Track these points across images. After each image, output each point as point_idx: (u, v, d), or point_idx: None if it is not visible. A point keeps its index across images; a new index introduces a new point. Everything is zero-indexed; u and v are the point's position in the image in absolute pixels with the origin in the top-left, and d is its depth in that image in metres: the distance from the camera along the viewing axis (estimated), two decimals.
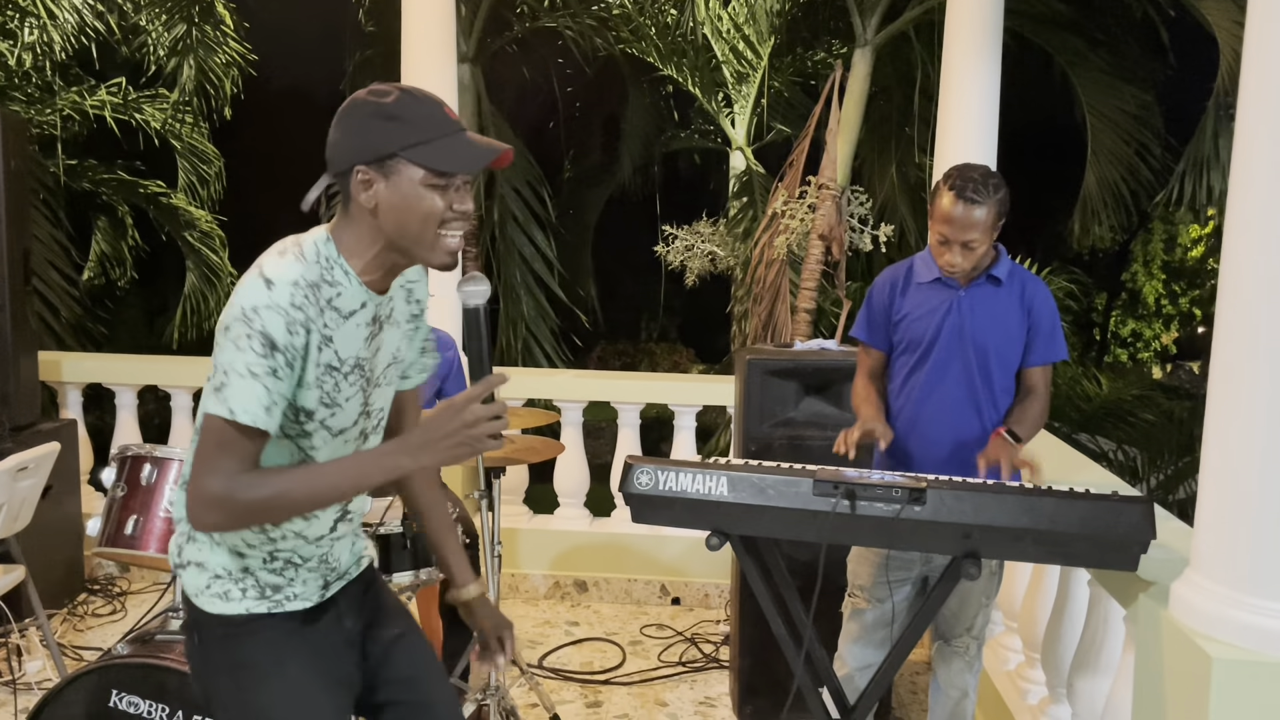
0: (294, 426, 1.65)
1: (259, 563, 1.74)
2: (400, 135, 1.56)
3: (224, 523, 1.60)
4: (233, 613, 1.72)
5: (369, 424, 1.78)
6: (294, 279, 1.57)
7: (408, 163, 1.57)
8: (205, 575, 1.72)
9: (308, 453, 1.69)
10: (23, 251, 4.29)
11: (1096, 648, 2.61)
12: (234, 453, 1.56)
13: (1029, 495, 2.09)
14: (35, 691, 3.53)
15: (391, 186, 1.58)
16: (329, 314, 1.61)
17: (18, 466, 3.31)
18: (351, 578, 1.90)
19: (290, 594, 1.76)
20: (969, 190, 2.56)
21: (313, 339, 1.59)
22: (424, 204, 1.58)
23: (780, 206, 6.02)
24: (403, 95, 1.60)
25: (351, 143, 1.59)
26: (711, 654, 4.30)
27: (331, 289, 1.62)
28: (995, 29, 4.51)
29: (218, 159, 9.69)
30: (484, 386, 1.61)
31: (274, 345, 1.54)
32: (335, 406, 1.67)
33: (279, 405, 1.58)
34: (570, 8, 8.89)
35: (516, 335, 8.98)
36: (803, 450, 3.49)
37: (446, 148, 1.58)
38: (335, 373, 1.64)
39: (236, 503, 1.56)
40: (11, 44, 8.18)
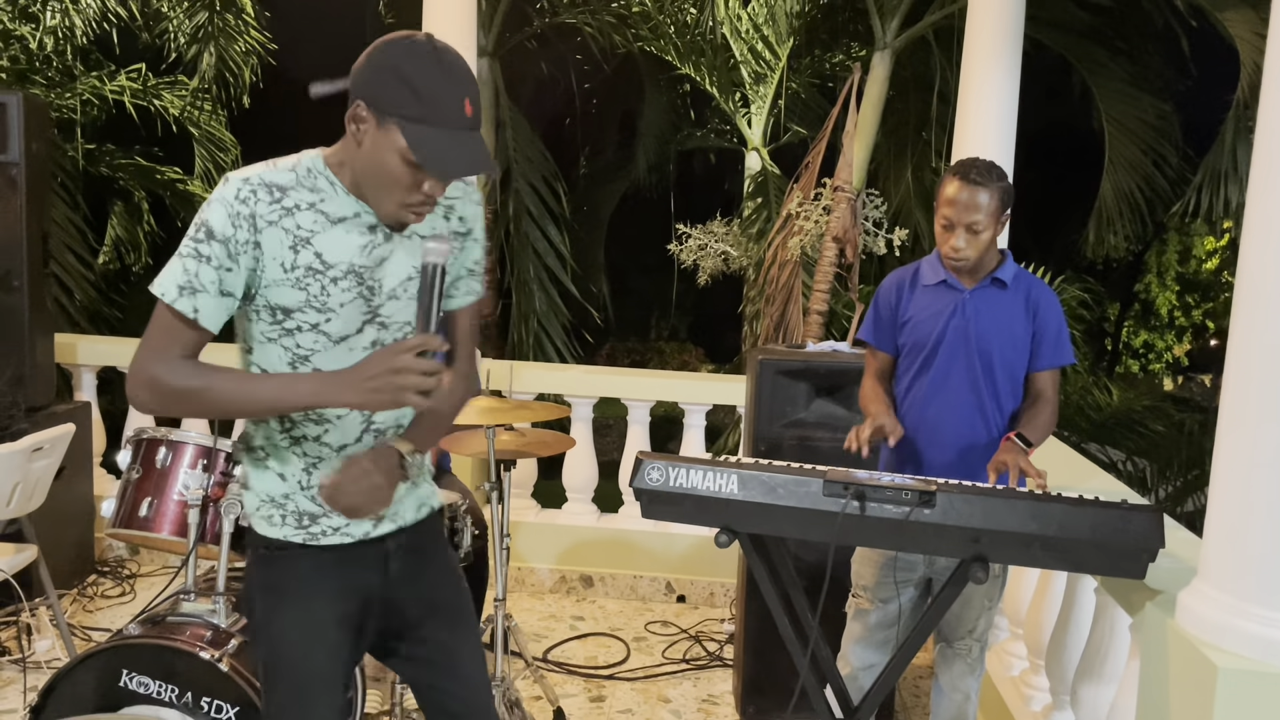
0: (275, 327, 1.70)
1: (296, 486, 1.79)
2: (407, 104, 1.56)
3: (151, 402, 1.68)
4: (273, 536, 1.80)
5: (384, 335, 1.77)
6: (246, 176, 1.64)
7: (398, 130, 1.57)
8: (255, 498, 1.82)
9: (300, 353, 1.71)
10: (42, 234, 4.32)
11: (1101, 655, 2.62)
12: (168, 336, 1.64)
13: (1038, 501, 2.09)
14: (44, 670, 3.56)
15: (377, 137, 1.59)
16: (305, 216, 1.65)
17: (33, 447, 3.34)
18: (407, 523, 1.91)
19: (328, 526, 1.80)
20: (973, 173, 2.59)
21: (267, 235, 1.63)
22: (394, 172, 1.61)
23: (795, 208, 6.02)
24: (435, 67, 1.57)
25: (368, 77, 1.59)
26: (716, 652, 4.31)
27: (313, 194, 1.66)
28: (1016, 35, 4.50)
29: (235, 147, 9.72)
30: (421, 340, 1.61)
31: (210, 233, 1.61)
32: (328, 311, 1.69)
33: (206, 293, 1.62)
34: (590, 4, 8.90)
35: (528, 330, 9.00)
36: (812, 451, 3.49)
37: (439, 140, 1.57)
38: (319, 275, 1.67)
39: (164, 385, 1.65)
40: (34, 28, 8.23)
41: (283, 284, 1.65)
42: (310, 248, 1.66)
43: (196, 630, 2.59)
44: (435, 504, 2.01)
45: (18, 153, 4.13)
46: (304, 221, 1.65)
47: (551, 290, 9.17)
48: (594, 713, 3.77)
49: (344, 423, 1.79)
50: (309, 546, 1.80)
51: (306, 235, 1.65)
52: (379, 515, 1.79)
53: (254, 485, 1.82)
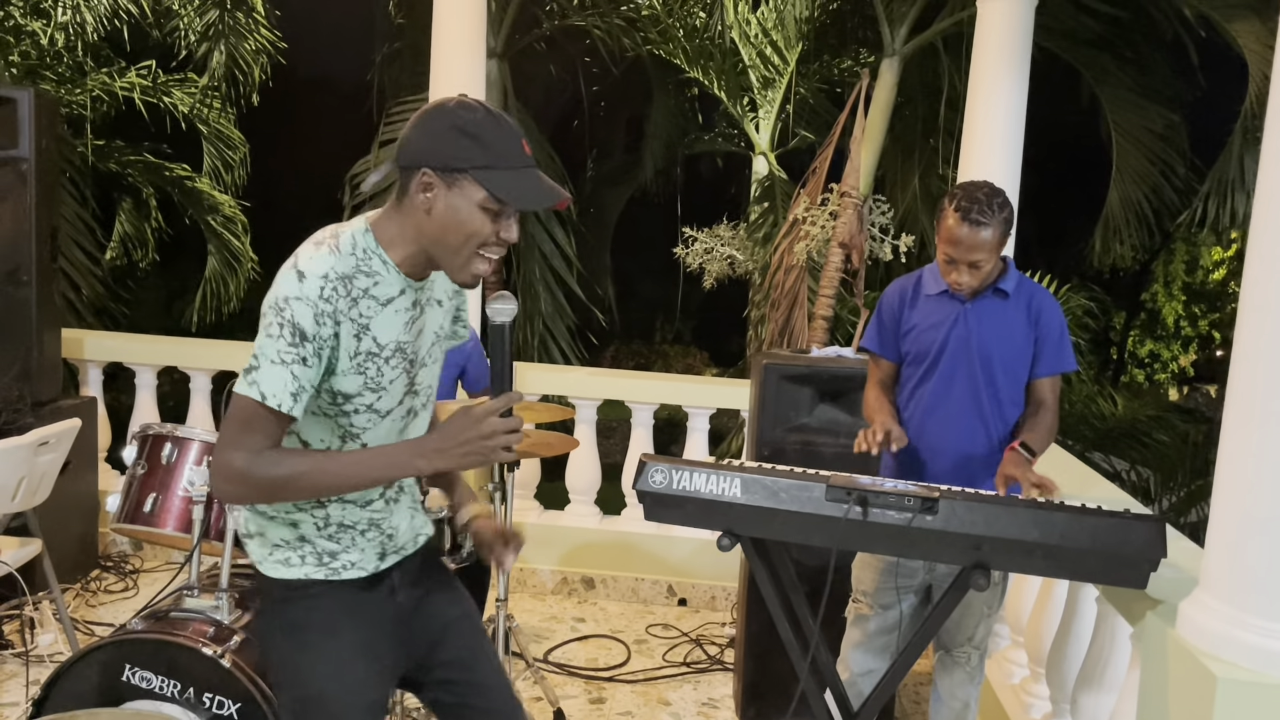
0: (334, 408, 1.74)
1: (313, 530, 1.82)
2: (476, 155, 1.63)
3: (242, 495, 1.70)
4: (293, 577, 1.82)
5: (416, 401, 1.85)
6: (324, 272, 1.65)
7: (473, 182, 1.64)
8: (267, 544, 1.83)
9: (352, 430, 1.76)
10: (51, 230, 4.34)
11: (1102, 664, 2.62)
12: (258, 431, 1.65)
13: (1041, 509, 2.10)
14: (47, 664, 3.58)
15: (450, 198, 1.65)
16: (364, 303, 1.69)
17: (39, 441, 3.35)
18: (408, 554, 1.95)
19: (347, 561, 1.84)
20: (974, 212, 2.57)
21: (344, 329, 1.67)
22: (474, 223, 1.66)
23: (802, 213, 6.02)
24: (488, 117, 1.66)
25: (427, 145, 1.65)
26: (716, 656, 4.32)
27: (368, 279, 1.70)
28: (1025, 44, 4.51)
29: (243, 145, 9.74)
30: (504, 401, 1.69)
31: (304, 335, 1.63)
32: (380, 390, 1.75)
33: (306, 392, 1.66)
34: (599, 7, 8.91)
35: (533, 331, 9.01)
36: (815, 456, 3.50)
37: (515, 180, 1.65)
38: (376, 359, 1.73)
39: (254, 478, 1.65)
40: (45, 23, 8.27)
41: (348, 371, 1.70)
42: (369, 334, 1.71)
43: (199, 626, 2.59)
44: (429, 531, 2.05)
45: (28, 148, 4.15)
46: (364, 309, 1.70)
47: (557, 292, 9.18)
48: (594, 714, 3.78)
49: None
50: (330, 582, 1.82)
51: (365, 322, 1.70)
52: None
53: (264, 532, 1.83)
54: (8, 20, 8.06)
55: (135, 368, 5.26)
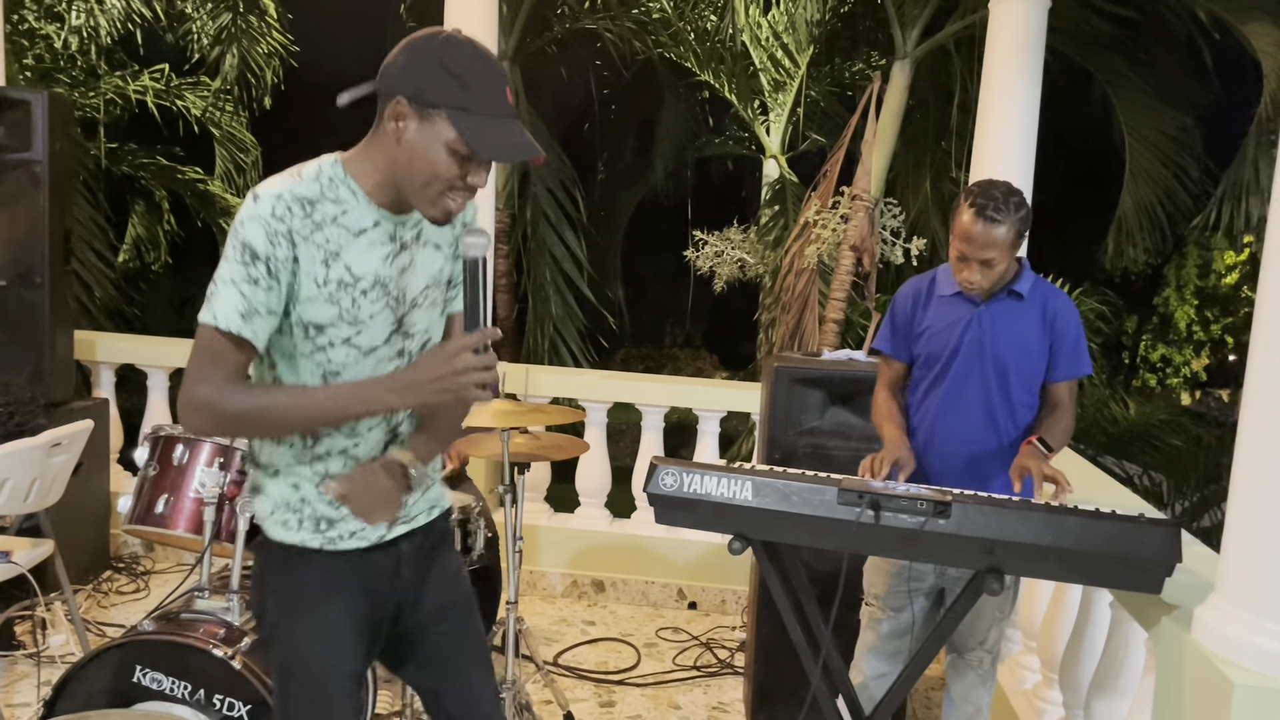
0: (308, 343, 1.69)
1: (313, 492, 1.78)
2: (453, 94, 1.57)
3: (206, 427, 1.66)
4: (290, 541, 1.79)
5: (409, 344, 1.79)
6: (278, 192, 1.61)
7: (446, 121, 1.58)
8: (269, 502, 1.80)
9: (332, 368, 1.71)
10: (64, 232, 4.36)
11: (1116, 670, 2.60)
12: (220, 361, 1.61)
13: (1055, 513, 2.08)
14: (58, 664, 3.59)
15: (420, 130, 1.60)
16: (330, 230, 1.65)
17: (52, 442, 3.36)
18: (419, 525, 1.91)
19: (345, 530, 1.80)
20: (989, 209, 2.54)
21: (304, 251, 1.62)
22: (440, 163, 1.60)
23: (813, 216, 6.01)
24: (475, 58, 1.60)
25: (407, 73, 1.60)
26: (726, 659, 4.30)
27: (335, 206, 1.66)
28: (1037, 47, 4.49)
29: (255, 148, 9.77)
30: (478, 337, 1.62)
31: (254, 254, 1.59)
32: (359, 324, 1.70)
33: (260, 315, 1.61)
34: (610, 10, 8.92)
35: (544, 334, 9.01)
36: (827, 460, 3.49)
37: (488, 129, 1.59)
38: (350, 289, 1.67)
39: (220, 410, 1.62)
40: (59, 27, 8.31)
41: (316, 299, 1.65)
42: (340, 261, 1.66)
43: (210, 628, 2.60)
44: (445, 504, 2.01)
45: (42, 151, 4.17)
46: (332, 236, 1.65)
47: (567, 295, 9.19)
48: (604, 718, 3.77)
49: (371, 435, 1.79)
50: (325, 551, 1.79)
51: (336, 249, 1.65)
52: (391, 519, 1.78)
53: (268, 491, 1.81)
54: (22, 24, 8.11)
55: (147, 369, 5.28)
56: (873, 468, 2.60)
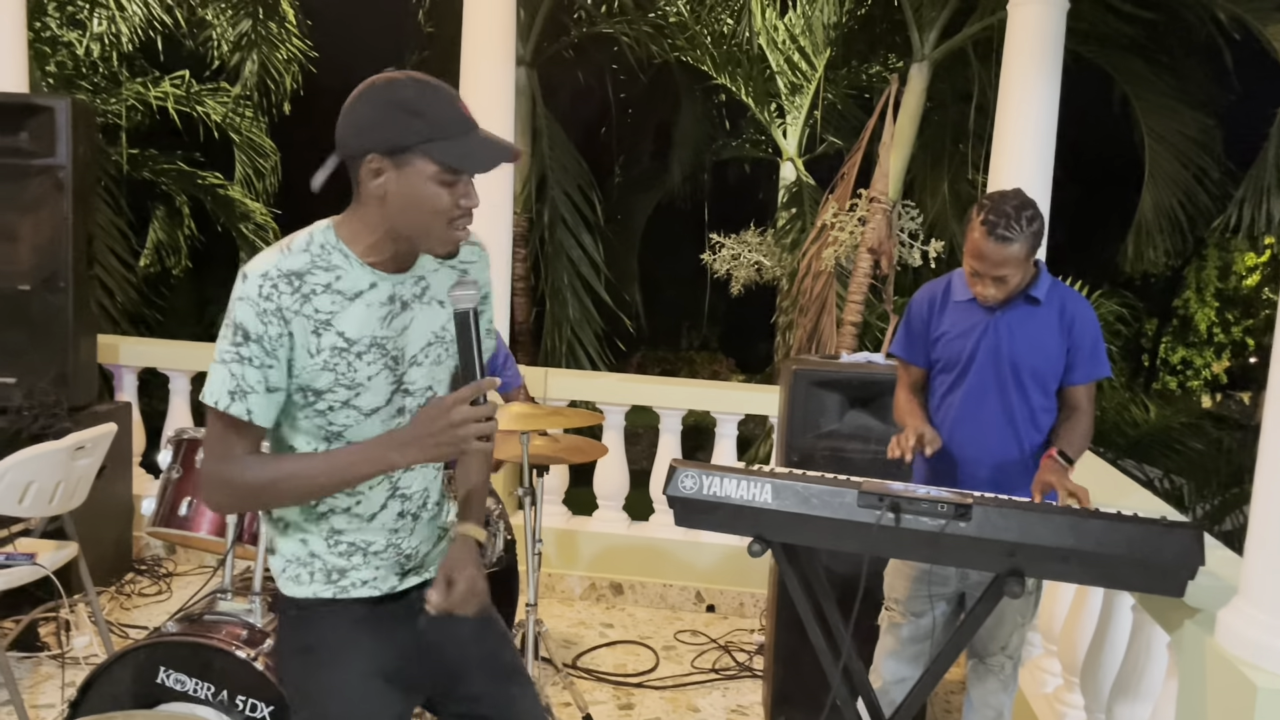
0: (309, 409, 1.71)
1: (322, 546, 1.79)
2: (418, 129, 1.58)
3: (229, 502, 1.73)
4: (302, 595, 1.79)
5: (410, 401, 1.78)
6: (264, 270, 1.63)
7: (422, 157, 1.59)
8: (281, 560, 1.82)
9: (333, 429, 1.72)
10: (87, 237, 4.40)
11: (1138, 673, 2.58)
12: (228, 438, 1.67)
13: (1076, 516, 2.07)
14: (82, 666, 3.62)
15: (402, 178, 1.61)
16: (322, 299, 1.66)
17: (75, 445, 3.39)
18: (434, 574, 1.89)
19: (357, 579, 1.80)
20: (1000, 226, 2.52)
21: (296, 326, 1.64)
22: (433, 199, 1.62)
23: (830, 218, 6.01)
24: (422, 87, 1.61)
25: (366, 129, 1.60)
26: (745, 662, 4.30)
27: (328, 274, 1.67)
28: (1056, 48, 4.48)
29: (274, 153, 9.83)
30: (473, 389, 1.63)
31: (247, 334, 1.62)
32: (357, 387, 1.70)
33: (255, 392, 1.64)
34: (627, 14, 8.94)
35: (561, 337, 9.03)
36: (845, 463, 3.48)
37: (462, 146, 1.60)
38: (345, 354, 1.68)
39: (237, 484, 1.67)
40: (80, 34, 8.39)
41: (311, 368, 1.67)
42: (332, 329, 1.67)
43: (233, 629, 2.62)
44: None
45: (65, 156, 4.21)
46: (322, 305, 1.66)
47: (585, 298, 9.21)
48: None
49: (373, 492, 1.80)
50: (339, 600, 1.79)
51: (326, 318, 1.66)
52: (483, 601, 1.81)
53: (280, 548, 1.82)
54: (44, 31, 8.19)
55: (168, 373, 5.32)
56: (900, 444, 2.59)
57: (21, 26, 4.81)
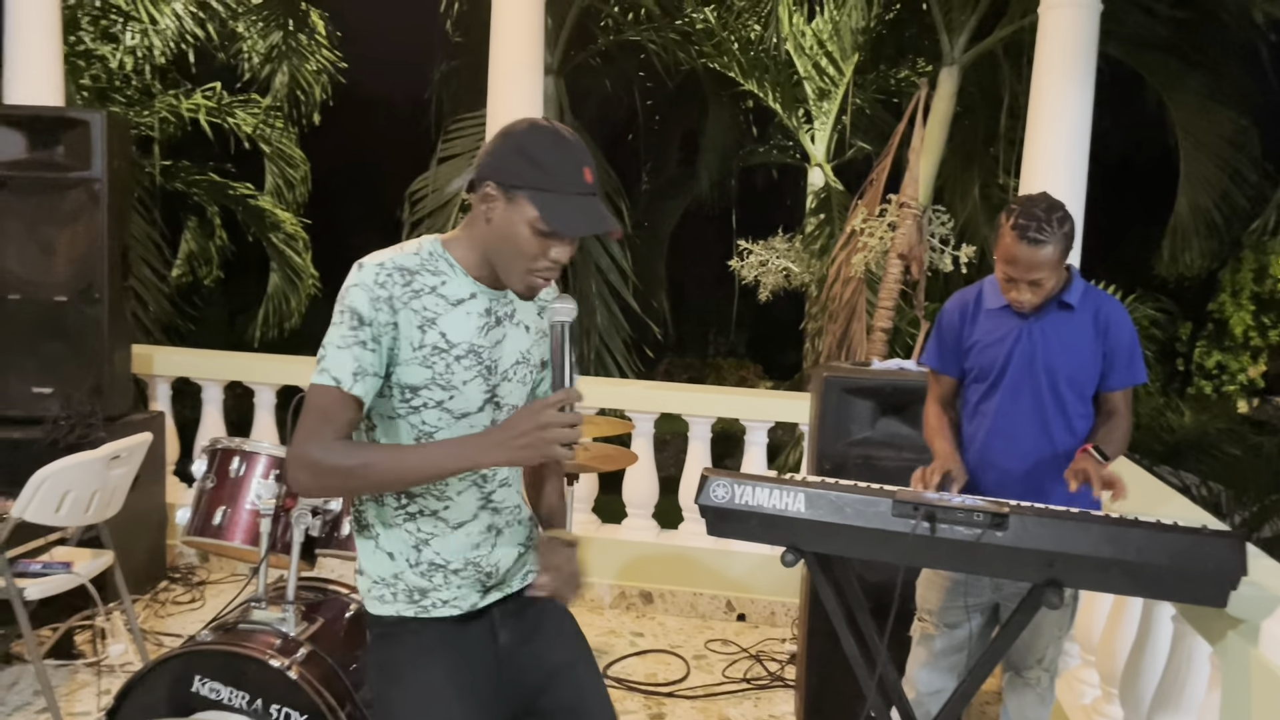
0: (403, 405, 1.80)
1: (405, 565, 1.86)
2: (533, 176, 1.71)
3: (312, 484, 1.75)
4: (386, 614, 1.87)
5: (499, 415, 1.87)
6: (380, 261, 1.76)
7: (528, 201, 1.71)
8: (368, 581, 1.89)
9: (425, 429, 1.81)
10: (122, 248, 4.45)
11: (1179, 685, 2.54)
12: (328, 420, 1.72)
13: (1115, 525, 2.04)
14: (118, 674, 3.65)
15: (507, 212, 1.73)
16: (429, 299, 1.77)
17: (111, 455, 3.42)
18: (513, 590, 1.97)
19: (438, 599, 1.86)
20: (1032, 230, 2.49)
21: (403, 318, 1.75)
22: (524, 242, 1.73)
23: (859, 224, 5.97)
24: (554, 142, 1.74)
25: (494, 162, 1.75)
26: (777, 672, 4.27)
27: (435, 278, 1.79)
28: (1089, 50, 4.43)
29: (304, 163, 9.93)
30: (564, 395, 1.71)
31: (361, 319, 1.72)
32: (451, 389, 1.80)
33: (368, 375, 1.73)
34: (654, 22, 8.96)
35: (589, 345, 9.03)
36: (878, 470, 3.45)
37: (564, 205, 1.72)
38: (444, 354, 1.78)
39: (324, 466, 1.72)
40: (114, 47, 8.51)
41: (411, 362, 1.76)
42: (435, 328, 1.77)
43: (266, 638, 2.63)
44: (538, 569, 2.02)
45: (100, 169, 4.26)
46: (429, 304, 1.77)
47: (613, 306, 9.20)
48: None
49: (462, 499, 1.87)
50: (421, 619, 1.85)
51: (432, 316, 1.77)
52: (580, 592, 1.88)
53: (366, 568, 1.89)
54: (79, 45, 8.32)
55: (201, 383, 5.37)
56: (924, 479, 2.57)
57: (57, 41, 4.88)
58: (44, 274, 4.29)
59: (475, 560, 1.89)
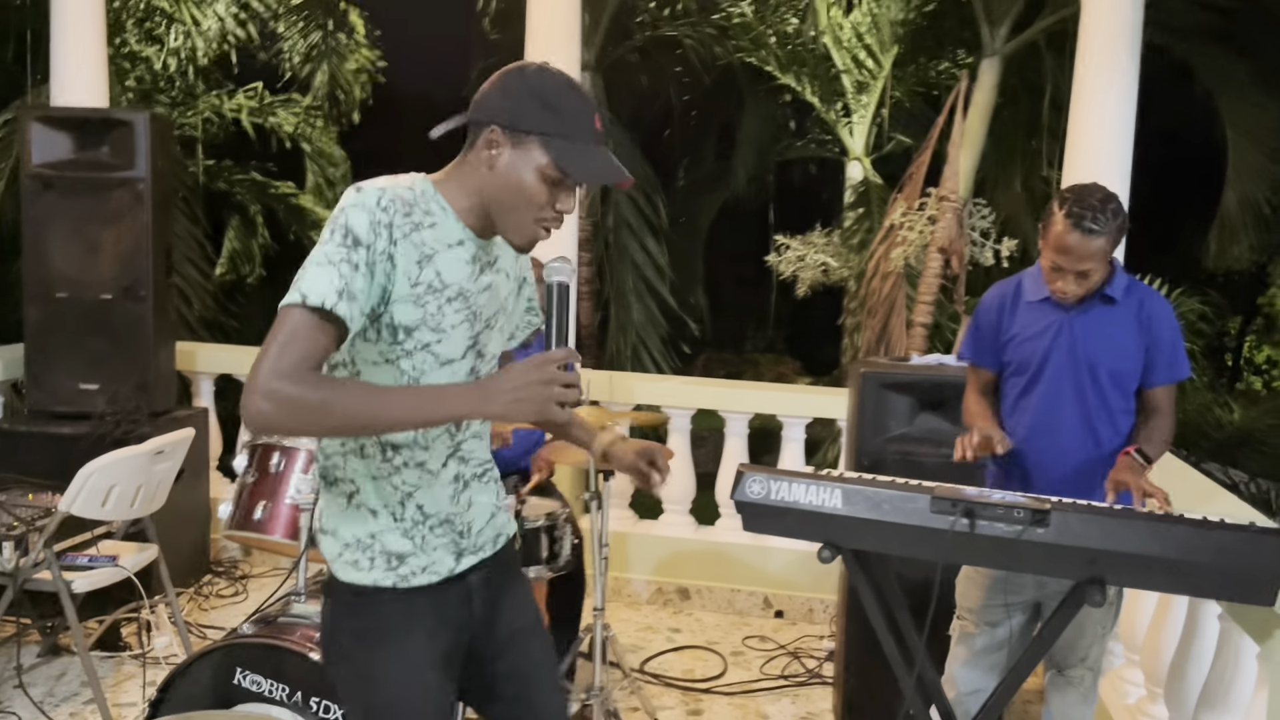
0: (394, 347, 1.66)
1: (389, 520, 1.75)
2: (546, 121, 1.63)
3: (273, 414, 1.52)
4: (361, 583, 1.75)
5: (481, 365, 1.79)
6: (383, 186, 1.63)
7: (539, 146, 1.63)
8: (338, 543, 1.77)
9: (412, 375, 1.69)
10: (166, 247, 4.51)
11: (1225, 685, 2.49)
12: (299, 344, 1.53)
13: (1160, 522, 2.00)
14: (163, 666, 3.70)
15: (513, 157, 1.65)
16: (425, 233, 1.66)
17: (155, 450, 3.48)
18: (486, 555, 1.89)
19: (416, 566, 1.77)
20: (1087, 219, 2.44)
21: (401, 249, 1.61)
22: (531, 189, 1.65)
23: (898, 218, 5.93)
24: (566, 87, 1.67)
25: (500, 103, 1.66)
26: (815, 669, 4.25)
27: (427, 216, 1.68)
28: (1133, 41, 4.35)
29: (344, 162, 10.02)
30: (565, 353, 1.62)
31: (356, 239, 1.57)
32: (440, 332, 1.69)
33: (356, 298, 1.56)
34: (691, 16, 8.94)
35: (626, 341, 9.04)
36: (917, 467, 3.40)
37: (580, 153, 1.65)
38: (437, 295, 1.67)
39: (288, 396, 1.51)
40: (158, 49, 8.64)
41: (406, 299, 1.64)
42: (432, 265, 1.67)
43: (306, 631, 2.65)
44: (510, 532, 1.98)
45: (144, 169, 4.32)
46: (427, 239, 1.66)
47: (649, 301, 9.21)
48: None
49: (437, 443, 1.77)
50: (399, 589, 1.77)
51: (430, 252, 1.67)
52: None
53: (336, 529, 1.78)
54: (124, 47, 8.45)
55: (244, 379, 5.42)
56: (965, 445, 2.53)
57: (102, 44, 4.96)
58: (90, 272, 4.36)
59: (451, 517, 1.80)
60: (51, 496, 3.46)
